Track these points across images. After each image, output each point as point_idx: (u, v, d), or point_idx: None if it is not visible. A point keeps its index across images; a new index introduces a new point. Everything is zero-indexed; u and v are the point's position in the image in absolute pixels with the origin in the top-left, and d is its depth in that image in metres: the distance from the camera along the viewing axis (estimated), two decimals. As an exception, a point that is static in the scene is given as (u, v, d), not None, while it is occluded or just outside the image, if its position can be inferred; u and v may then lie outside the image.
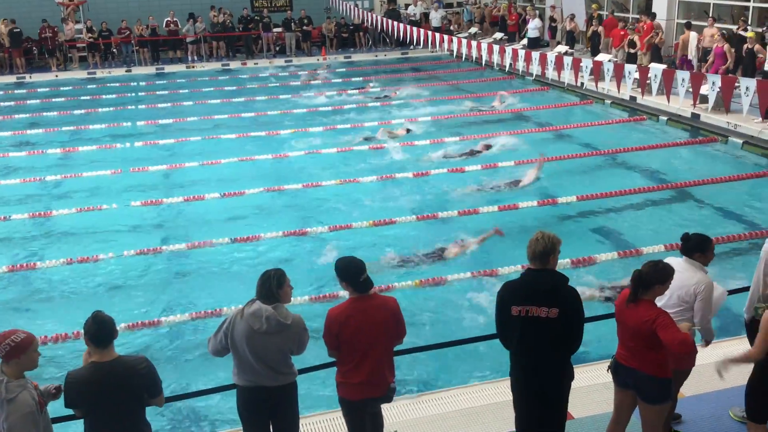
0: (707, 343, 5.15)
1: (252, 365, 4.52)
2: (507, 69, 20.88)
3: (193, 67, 25.84)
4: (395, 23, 24.96)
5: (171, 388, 6.63)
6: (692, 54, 17.84)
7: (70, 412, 4.29)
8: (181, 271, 9.57)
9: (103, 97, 21.11)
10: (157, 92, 21.55)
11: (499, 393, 6.02)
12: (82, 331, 4.16)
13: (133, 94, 21.41)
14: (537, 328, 4.53)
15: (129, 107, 19.48)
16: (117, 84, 23.13)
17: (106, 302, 8.45)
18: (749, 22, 17.19)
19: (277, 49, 27.66)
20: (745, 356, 4.74)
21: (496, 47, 20.95)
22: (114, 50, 26.60)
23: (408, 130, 15.85)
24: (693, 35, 17.93)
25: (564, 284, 4.55)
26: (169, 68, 25.65)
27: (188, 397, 6.02)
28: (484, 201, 11.40)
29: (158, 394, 4.32)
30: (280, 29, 27.33)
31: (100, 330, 4.11)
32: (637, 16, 20.76)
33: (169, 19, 26.38)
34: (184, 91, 21.66)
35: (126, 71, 25.27)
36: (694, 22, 18.78)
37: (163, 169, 13.77)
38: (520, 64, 20.00)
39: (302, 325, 4.63)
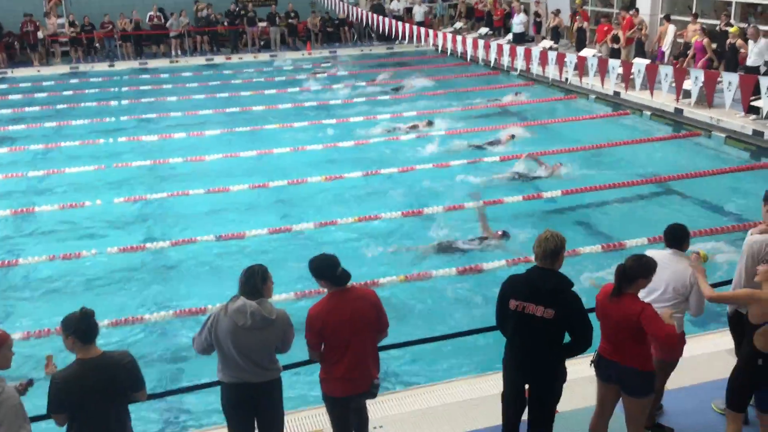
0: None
1: (236, 361, 4.50)
2: (492, 64, 20.89)
3: (177, 61, 25.66)
4: (381, 18, 24.91)
5: (156, 386, 6.60)
6: (666, 46, 18.02)
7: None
8: (165, 268, 9.52)
9: (86, 92, 20.91)
10: (141, 87, 21.36)
11: (485, 387, 6.04)
12: (62, 327, 4.13)
13: (117, 89, 21.21)
14: (530, 326, 4.57)
15: (112, 102, 19.32)
16: (100, 79, 22.91)
17: (89, 299, 8.39)
18: (732, 18, 17.29)
19: (262, 43, 27.53)
20: (707, 287, 4.95)
21: (481, 42, 20.95)
22: (97, 45, 26.34)
23: (429, 122, 15.98)
24: (671, 28, 18.08)
25: (567, 288, 4.57)
26: (152, 63, 25.45)
27: (173, 393, 6.01)
28: (468, 197, 11.39)
29: (141, 387, 4.32)
30: (265, 24, 27.20)
31: (89, 325, 4.10)
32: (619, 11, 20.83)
33: (152, 13, 26.17)
34: (167, 86, 21.48)
35: (109, 66, 25.05)
36: (678, 18, 18.89)
37: (147, 165, 13.67)
38: (505, 60, 20.03)
39: (287, 320, 4.63)
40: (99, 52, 26.42)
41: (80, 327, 4.08)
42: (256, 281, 4.51)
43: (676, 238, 5.16)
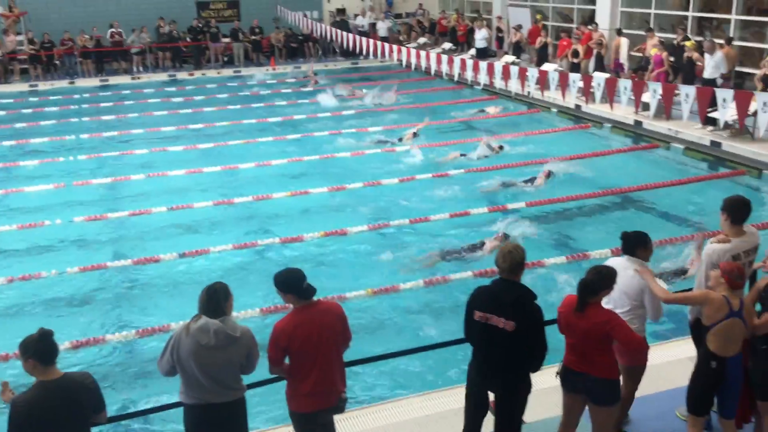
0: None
1: (200, 382, 4.42)
2: (456, 79, 21.09)
3: (139, 78, 25.41)
4: (345, 33, 24.99)
5: (118, 407, 6.47)
6: (623, 57, 18.53)
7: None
8: (128, 287, 9.36)
9: (46, 109, 20.56)
10: (102, 104, 21.06)
11: (452, 401, 6.03)
12: (21, 351, 4.02)
13: (77, 107, 20.89)
14: (493, 337, 4.61)
15: (72, 120, 19.02)
16: (60, 96, 22.54)
17: (49, 321, 8.21)
18: (688, 32, 17.72)
19: (226, 59, 27.42)
20: (659, 289, 4.99)
21: (444, 57, 21.14)
22: (57, 62, 25.99)
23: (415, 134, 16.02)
24: (624, 41, 18.70)
25: (529, 300, 4.61)
26: (113, 80, 25.16)
27: (136, 415, 5.89)
28: (437, 209, 11.42)
29: (103, 408, 4.24)
30: (228, 40, 27.09)
31: (48, 346, 4.01)
32: (578, 26, 21.24)
33: (113, 30, 25.91)
34: (129, 102, 21.24)
35: (69, 83, 24.70)
36: (636, 32, 19.31)
37: (108, 183, 13.48)
38: (469, 74, 20.23)
39: (251, 336, 4.56)
40: (59, 69, 26.05)
41: (39, 348, 3.98)
42: (219, 299, 4.45)
43: (628, 244, 5.23)
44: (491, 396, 4.91)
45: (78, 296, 9.11)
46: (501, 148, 11.57)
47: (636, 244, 5.19)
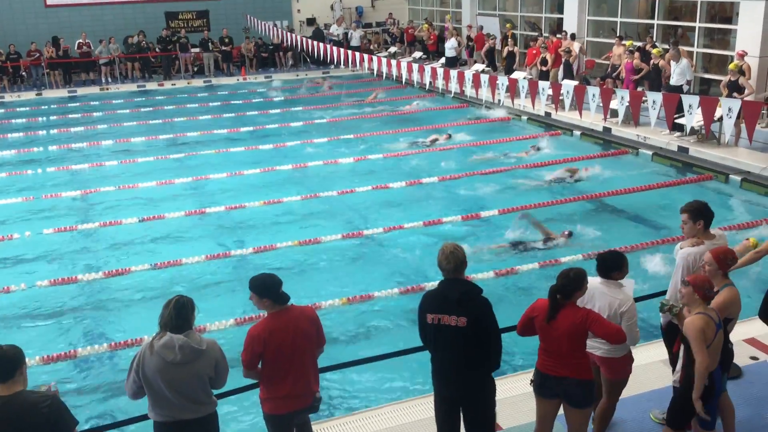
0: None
1: (168, 400, 4.34)
2: (427, 87, 21.21)
3: (108, 89, 25.16)
4: (316, 43, 25.01)
5: (91, 422, 6.36)
6: (573, 60, 19.15)
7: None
8: (99, 300, 9.22)
9: (13, 121, 20.30)
10: (70, 116, 20.83)
11: (428, 409, 6.02)
12: None
13: (45, 119, 20.65)
14: (448, 337, 4.64)
15: (40, 132, 18.76)
16: (27, 108, 22.27)
17: (19, 335, 8.08)
18: (654, 39, 18.02)
19: (195, 69, 27.26)
20: (698, 371, 4.69)
21: (415, 66, 21.26)
22: (23, 73, 25.63)
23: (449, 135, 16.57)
24: (576, 45, 19.50)
25: (475, 295, 4.65)
26: (81, 90, 24.88)
27: (107, 429, 5.78)
28: (408, 218, 11.46)
29: None
30: (197, 49, 26.95)
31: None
32: (547, 35, 21.50)
33: (81, 40, 25.64)
34: (97, 113, 21.03)
35: (36, 95, 24.38)
36: (603, 40, 19.62)
37: (78, 195, 13.30)
38: (440, 82, 20.34)
39: (217, 348, 4.50)
40: (26, 80, 25.69)
41: None
42: (187, 313, 4.38)
43: (605, 267, 5.21)
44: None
45: (47, 310, 8.95)
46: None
47: (612, 268, 5.20)
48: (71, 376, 7.49)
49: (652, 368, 6.46)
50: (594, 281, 5.17)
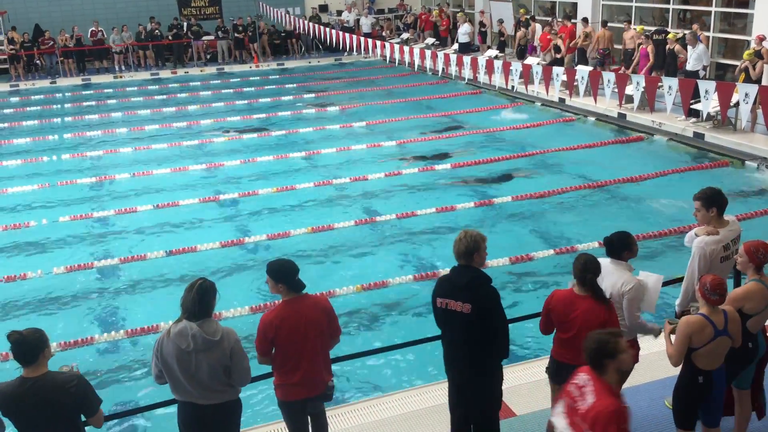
0: (656, 335, 5.31)
1: (183, 385, 4.39)
2: (440, 73, 21.11)
3: (121, 77, 25.22)
4: (329, 29, 24.93)
5: (111, 407, 6.44)
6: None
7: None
8: (115, 286, 9.30)
9: (27, 110, 20.41)
10: (84, 103, 20.93)
11: (442, 395, 6.04)
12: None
13: (59, 106, 20.75)
14: (455, 322, 4.69)
15: (55, 120, 18.88)
16: (42, 96, 22.39)
17: (37, 321, 8.15)
18: (670, 24, 17.84)
19: (208, 57, 27.27)
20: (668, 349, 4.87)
21: (428, 52, 21.15)
22: (38, 62, 25.74)
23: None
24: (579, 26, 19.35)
25: (483, 283, 4.65)
26: (96, 79, 24.96)
27: (129, 414, 5.86)
28: (421, 204, 11.45)
29: (94, 413, 4.20)
30: (211, 37, 26.95)
31: (21, 351, 4.00)
32: (561, 20, 21.31)
33: (94, 28, 25.70)
34: (112, 101, 21.12)
35: (51, 83, 24.48)
36: (615, 25, 19.45)
37: (93, 182, 13.39)
38: (453, 69, 20.24)
39: (235, 339, 4.42)
40: (40, 69, 25.80)
41: (14, 352, 4.00)
42: (209, 298, 4.36)
43: (613, 248, 5.21)
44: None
45: (64, 296, 9.04)
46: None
47: (621, 248, 5.18)
48: (89, 361, 7.56)
49: (666, 356, 6.42)
50: (604, 261, 5.18)
